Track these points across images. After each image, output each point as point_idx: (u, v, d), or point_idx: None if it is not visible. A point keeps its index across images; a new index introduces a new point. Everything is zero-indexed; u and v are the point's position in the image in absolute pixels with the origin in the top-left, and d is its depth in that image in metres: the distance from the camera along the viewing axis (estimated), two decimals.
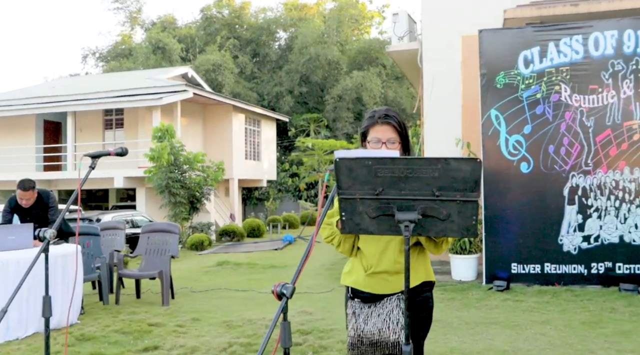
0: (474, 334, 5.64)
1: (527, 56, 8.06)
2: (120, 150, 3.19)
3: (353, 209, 2.52)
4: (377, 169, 2.42)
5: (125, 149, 3.23)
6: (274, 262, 10.44)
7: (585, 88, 7.90)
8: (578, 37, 7.90)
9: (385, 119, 2.82)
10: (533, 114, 8.05)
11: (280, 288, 2.34)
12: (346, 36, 36.09)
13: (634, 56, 7.77)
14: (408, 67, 11.26)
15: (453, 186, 2.42)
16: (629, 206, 7.77)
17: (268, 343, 2.48)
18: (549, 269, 7.94)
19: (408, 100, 34.65)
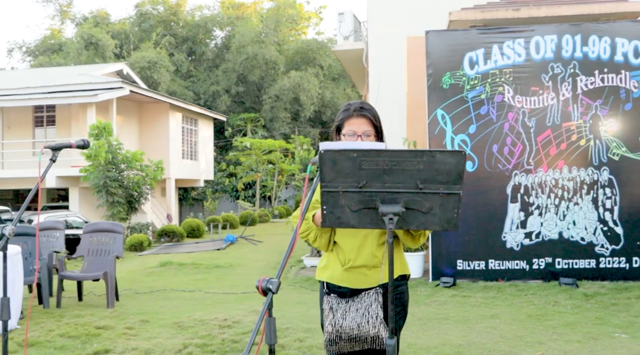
0: (427, 329, 5.71)
1: (472, 58, 8.26)
2: (82, 143, 3.03)
3: (335, 202, 2.48)
4: (362, 161, 2.39)
5: (88, 141, 3.08)
6: (219, 262, 10.27)
7: (527, 90, 8.16)
8: (520, 40, 8.16)
9: (360, 112, 2.81)
10: (478, 114, 8.25)
11: (265, 283, 2.27)
12: (284, 36, 36.03)
13: (572, 60, 8.09)
14: (353, 67, 11.33)
15: (437, 179, 2.42)
16: (568, 204, 8.08)
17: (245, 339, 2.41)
18: (493, 265, 8.16)
19: (345, 100, 34.91)
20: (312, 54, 33.64)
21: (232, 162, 28.65)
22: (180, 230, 14.71)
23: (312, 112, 33.54)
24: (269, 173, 26.24)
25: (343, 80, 36.99)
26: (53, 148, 2.91)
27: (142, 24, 33.77)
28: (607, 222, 8.02)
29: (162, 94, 21.55)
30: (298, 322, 5.86)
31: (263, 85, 33.40)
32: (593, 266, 7.98)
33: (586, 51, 8.06)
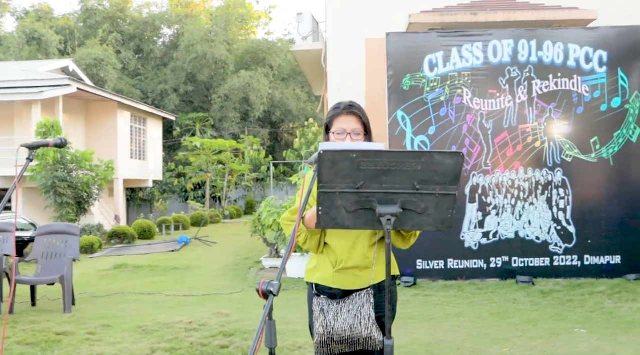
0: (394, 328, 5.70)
1: (432, 60, 8.37)
2: (60, 141, 2.90)
3: (331, 203, 2.46)
4: (361, 162, 2.38)
5: (65, 140, 2.96)
6: (175, 264, 10.08)
7: (485, 92, 8.34)
8: (479, 44, 8.33)
9: (350, 109, 2.81)
10: (437, 116, 8.37)
11: (266, 286, 2.22)
12: (233, 35, 35.72)
13: (528, 64, 8.31)
14: (311, 67, 11.33)
15: (434, 179, 2.44)
16: (524, 204, 8.30)
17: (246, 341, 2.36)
18: (452, 264, 8.30)
19: (294, 101, 34.93)
20: (262, 54, 33.47)
21: (182, 163, 28.20)
22: (131, 232, 14.37)
23: (261, 112, 33.37)
24: (219, 173, 25.96)
25: (293, 80, 36.97)
26: (30, 147, 2.78)
27: (87, 19, 32.83)
28: (561, 222, 8.28)
29: (110, 92, 21.00)
30: None
31: (212, 84, 33.01)
32: (548, 264, 8.22)
33: (541, 56, 8.30)
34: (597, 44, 8.25)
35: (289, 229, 2.76)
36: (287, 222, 2.77)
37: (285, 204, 8.35)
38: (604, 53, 8.24)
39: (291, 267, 8.55)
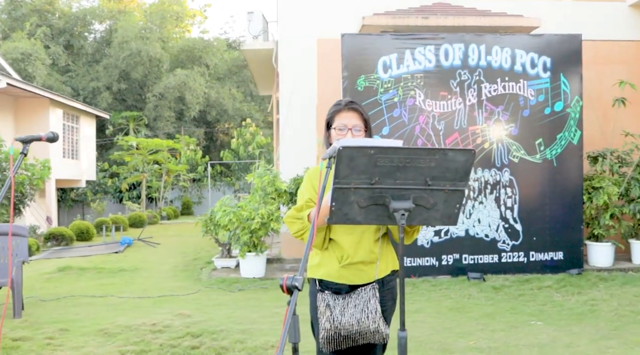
0: None
1: (386, 62, 8.52)
2: (52, 135, 2.80)
3: (344, 198, 2.49)
4: (378, 159, 2.42)
5: (57, 134, 2.85)
6: (122, 266, 9.80)
7: (437, 94, 8.56)
8: (431, 47, 8.54)
9: (351, 105, 2.87)
10: (391, 117, 8.53)
11: (290, 281, 2.24)
12: (168, 33, 35.01)
13: (477, 68, 8.59)
14: (262, 67, 11.28)
15: (445, 176, 2.51)
16: (473, 203, 8.58)
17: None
18: (405, 262, 8.41)
19: (230, 101, 34.57)
20: (198, 53, 32.97)
21: (116, 162, 27.39)
22: (69, 233, 13.84)
23: (197, 111, 32.86)
24: (155, 174, 25.39)
25: (228, 80, 36.60)
26: (23, 140, 2.66)
27: (12, 11, 31.32)
28: (508, 220, 8.61)
29: (42, 88, 20.14)
30: (229, 324, 5.75)
31: (147, 83, 32.22)
32: (496, 261, 8.53)
33: (490, 60, 8.60)
34: (541, 50, 8.63)
35: (294, 226, 2.77)
36: (292, 219, 2.77)
37: (241, 203, 8.28)
38: (548, 59, 8.63)
39: (245, 267, 8.50)
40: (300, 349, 2.43)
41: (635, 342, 5.09)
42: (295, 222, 2.76)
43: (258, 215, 7.95)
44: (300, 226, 2.75)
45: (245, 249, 8.32)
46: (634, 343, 5.07)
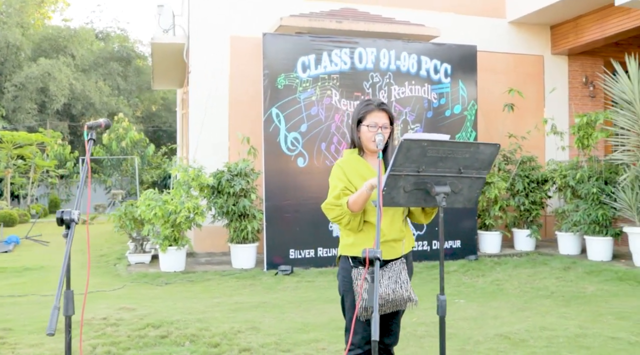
0: (305, 310, 6.20)
1: (304, 62, 8.94)
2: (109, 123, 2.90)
3: (395, 184, 2.90)
4: (428, 150, 2.86)
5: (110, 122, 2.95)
6: (24, 265, 9.27)
7: (351, 94, 9.13)
8: (346, 50, 9.09)
9: (381, 106, 3.25)
10: (309, 114, 8.96)
11: (372, 253, 2.59)
12: (28, 19, 32.71)
13: (388, 71, 9.29)
14: (172, 61, 11.18)
15: (474, 165, 3.00)
16: None
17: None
18: (322, 253, 8.95)
19: (97, 94, 33.05)
20: (64, 42, 31.16)
21: None
22: None
23: (61, 104, 31.05)
24: (19, 169, 23.74)
25: (94, 72, 34.94)
26: (90, 126, 2.74)
27: None
28: None
29: None
30: (180, 315, 5.85)
31: (4, 71, 29.87)
32: None
33: (399, 65, 9.33)
34: (443, 57, 9.51)
35: (333, 212, 3.12)
36: (331, 206, 3.12)
37: (165, 197, 8.25)
38: (449, 66, 9.54)
39: (166, 261, 8.50)
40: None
41: (545, 311, 5.96)
42: (335, 209, 3.11)
43: (184, 209, 8.01)
44: (339, 212, 3.10)
45: (167, 243, 8.33)
46: (544, 312, 5.94)
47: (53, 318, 2.09)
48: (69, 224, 2.33)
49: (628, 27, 9.95)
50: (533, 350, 4.63)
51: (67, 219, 2.31)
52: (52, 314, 2.10)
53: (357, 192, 3.04)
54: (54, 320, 2.10)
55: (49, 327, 2.10)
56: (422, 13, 10.72)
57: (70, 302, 2.46)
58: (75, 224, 2.33)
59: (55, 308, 2.12)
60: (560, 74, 11.76)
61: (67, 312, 2.45)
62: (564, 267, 8.33)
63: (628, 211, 8.35)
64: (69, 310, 2.46)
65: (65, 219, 2.32)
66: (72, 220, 2.32)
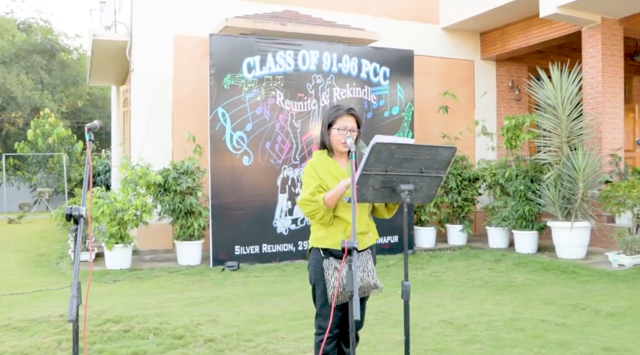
0: (258, 303, 6.45)
1: (250, 63, 9.15)
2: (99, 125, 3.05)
3: (365, 182, 3.23)
4: (396, 152, 3.20)
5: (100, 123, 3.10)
6: None
7: (295, 95, 9.42)
8: (290, 52, 9.37)
9: (350, 112, 3.58)
10: (254, 114, 9.18)
11: (350, 244, 2.89)
12: None
13: (330, 74, 9.63)
14: (112, 58, 11.08)
15: (434, 166, 3.37)
16: None
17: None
18: (266, 248, 9.20)
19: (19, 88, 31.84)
20: None
21: None
22: None
23: None
24: None
25: (16, 65, 33.61)
26: (89, 128, 2.88)
27: None
28: None
29: None
30: (136, 310, 5.97)
31: None
32: None
33: (340, 67, 9.70)
34: (382, 61, 9.96)
35: (308, 207, 3.40)
36: (307, 202, 3.40)
37: (112, 194, 8.26)
38: (387, 69, 9.99)
39: (112, 258, 8.52)
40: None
41: (481, 299, 6.47)
42: (310, 205, 3.40)
43: (132, 207, 8.07)
44: (315, 207, 3.39)
45: (113, 241, 8.36)
46: (481, 300, 6.44)
47: (72, 305, 2.28)
48: (77, 219, 2.50)
49: (550, 37, 10.74)
50: (475, 333, 5.09)
51: (76, 214, 2.49)
52: (70, 302, 2.28)
53: (334, 190, 3.34)
54: (73, 307, 2.28)
55: (69, 314, 2.29)
56: (361, 17, 11.15)
57: (73, 304, 2.60)
58: (84, 219, 2.50)
59: (73, 297, 2.30)
60: (488, 78, 12.49)
61: (72, 316, 2.58)
62: (495, 259, 8.95)
63: (552, 207, 9.06)
64: (73, 313, 2.60)
65: (74, 215, 2.49)
66: (81, 216, 2.49)
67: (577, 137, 9.11)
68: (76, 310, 2.30)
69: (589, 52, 9.88)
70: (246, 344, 4.81)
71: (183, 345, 4.70)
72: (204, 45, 10.10)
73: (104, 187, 9.33)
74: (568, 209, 8.93)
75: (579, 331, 5.12)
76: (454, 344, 4.80)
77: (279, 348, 4.69)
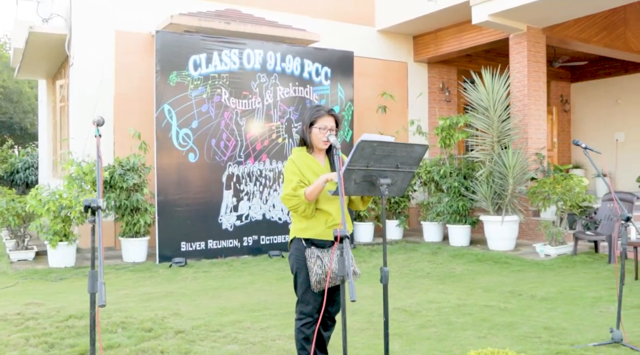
0: (214, 297, 6.59)
1: (196, 61, 9.22)
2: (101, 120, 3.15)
3: (348, 176, 3.51)
4: (377, 149, 3.49)
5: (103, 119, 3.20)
6: None
7: (240, 93, 9.57)
8: (235, 51, 9.51)
9: (330, 112, 3.84)
10: (199, 111, 9.26)
11: (342, 233, 3.15)
12: None
13: (274, 73, 9.84)
14: (47, 51, 10.79)
15: (408, 162, 3.69)
16: (269, 190, 9.82)
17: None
18: (212, 244, 9.31)
19: None
20: None
21: None
22: None
23: None
24: None
25: None
26: (98, 123, 2.98)
27: None
28: None
29: None
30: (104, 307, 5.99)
31: None
32: (287, 241, 9.85)
33: (284, 66, 9.92)
34: (324, 61, 10.27)
35: (291, 202, 3.63)
36: (289, 197, 3.63)
37: (58, 191, 8.10)
38: (329, 69, 10.31)
39: (56, 256, 8.37)
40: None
41: (426, 288, 6.90)
42: (293, 199, 3.63)
43: (79, 204, 7.98)
44: (297, 201, 3.62)
45: (57, 239, 8.23)
46: (426, 289, 6.87)
47: (101, 291, 2.42)
48: (95, 210, 2.63)
49: (480, 42, 11.40)
50: (428, 318, 5.47)
51: (94, 206, 2.62)
52: (100, 288, 2.43)
53: (313, 185, 3.58)
54: (102, 293, 2.43)
55: (99, 300, 2.43)
56: (301, 18, 11.41)
57: (95, 280, 2.73)
58: (102, 211, 2.64)
59: (102, 283, 2.45)
60: (421, 79, 13.06)
61: (92, 289, 2.72)
62: (432, 252, 9.46)
63: (484, 202, 9.67)
64: (94, 287, 2.73)
65: (92, 206, 2.62)
66: (99, 207, 2.63)
67: (507, 136, 9.77)
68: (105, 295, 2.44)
69: (515, 57, 10.59)
70: (215, 334, 4.98)
71: (155, 337, 4.81)
72: (147, 41, 10.08)
73: (25, 185, 9.14)
74: (499, 204, 9.57)
75: (520, 314, 5.61)
76: (410, 329, 5.16)
77: (248, 337, 4.89)
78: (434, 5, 11.04)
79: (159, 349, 4.51)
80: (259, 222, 9.71)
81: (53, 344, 4.64)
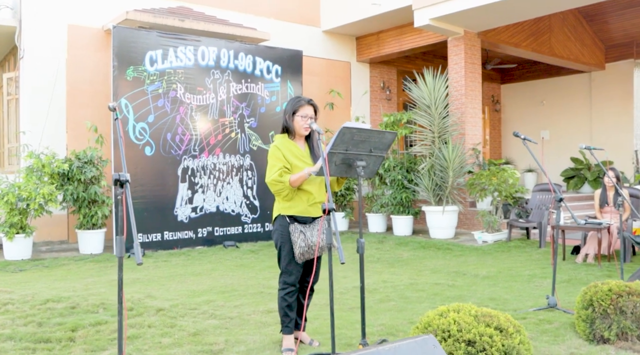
0: (181, 282, 6.91)
1: (152, 56, 9.44)
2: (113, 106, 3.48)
3: (330, 159, 3.99)
4: (355, 135, 3.98)
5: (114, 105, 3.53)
6: None
7: (194, 89, 9.85)
8: (190, 47, 9.79)
9: (310, 102, 4.29)
10: (155, 106, 9.49)
11: (329, 206, 3.61)
12: None
13: (227, 69, 10.18)
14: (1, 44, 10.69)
15: (379, 147, 4.21)
16: (223, 183, 10.14)
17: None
18: (168, 236, 9.55)
19: None
20: None
21: None
22: None
23: None
24: None
25: None
26: (114, 108, 3.31)
27: None
28: (249, 197, 10.43)
29: None
30: (67, 293, 6.19)
31: None
32: (240, 232, 10.26)
33: (237, 64, 10.28)
34: (274, 59, 10.68)
35: (276, 187, 4.07)
36: (275, 182, 4.07)
37: (18, 183, 8.14)
38: (279, 67, 10.74)
39: (13, 249, 8.42)
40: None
41: (379, 271, 7.46)
42: (278, 184, 4.07)
43: (39, 195, 8.07)
44: (281, 187, 4.07)
45: (14, 231, 8.29)
46: (379, 271, 7.43)
47: (138, 252, 2.80)
48: (123, 183, 2.99)
49: (420, 44, 12.12)
50: (386, 294, 6.02)
51: (123, 179, 2.98)
52: (136, 249, 2.80)
53: (298, 175, 4.03)
54: (139, 253, 2.80)
55: (137, 258, 2.80)
56: (251, 17, 11.79)
57: (122, 245, 3.09)
58: (129, 183, 3.00)
59: (138, 245, 2.82)
60: (363, 79, 13.68)
61: (120, 253, 3.07)
62: (378, 240, 10.06)
63: (426, 194, 10.35)
64: (122, 251, 3.09)
65: (122, 180, 2.98)
66: (127, 181, 2.99)
67: (446, 132, 10.49)
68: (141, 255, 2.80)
69: (453, 59, 11.35)
70: (193, 311, 5.33)
71: (138, 315, 5.12)
72: (100, 36, 10.21)
73: None
74: (440, 195, 10.27)
75: (466, 289, 6.24)
76: (371, 303, 5.68)
77: (225, 313, 5.28)
78: (377, 8, 11.66)
79: (146, 323, 4.84)
80: (213, 214, 10.02)
81: (41, 323, 4.88)
